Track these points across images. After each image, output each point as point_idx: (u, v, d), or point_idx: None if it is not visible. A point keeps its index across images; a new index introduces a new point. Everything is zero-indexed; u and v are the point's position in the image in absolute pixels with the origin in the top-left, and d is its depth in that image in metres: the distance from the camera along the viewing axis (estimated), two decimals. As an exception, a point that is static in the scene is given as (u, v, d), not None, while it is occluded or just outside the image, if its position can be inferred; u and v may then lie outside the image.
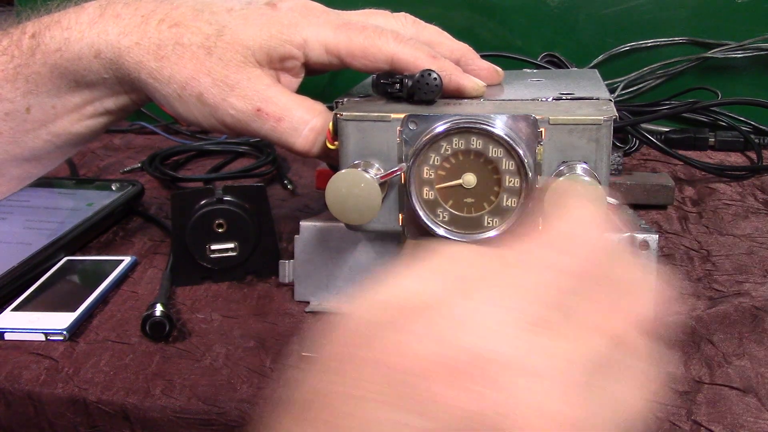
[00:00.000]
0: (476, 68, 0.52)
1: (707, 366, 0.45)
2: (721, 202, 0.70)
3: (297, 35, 0.49)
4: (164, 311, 0.50)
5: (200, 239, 0.55)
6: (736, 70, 0.91)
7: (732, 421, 0.40)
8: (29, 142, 0.52)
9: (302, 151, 0.50)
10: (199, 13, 0.49)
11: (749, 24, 0.89)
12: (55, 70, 0.49)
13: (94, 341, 0.50)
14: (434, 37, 0.52)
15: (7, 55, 0.49)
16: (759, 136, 0.84)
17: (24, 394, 0.45)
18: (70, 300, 0.54)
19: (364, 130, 0.46)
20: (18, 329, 0.50)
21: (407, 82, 0.47)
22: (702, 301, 0.52)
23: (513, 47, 0.95)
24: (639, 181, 0.68)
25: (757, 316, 0.49)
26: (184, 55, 0.48)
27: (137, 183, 0.74)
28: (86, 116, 0.52)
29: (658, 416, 0.40)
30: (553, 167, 0.44)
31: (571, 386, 0.23)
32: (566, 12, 0.94)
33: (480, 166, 0.44)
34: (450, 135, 0.44)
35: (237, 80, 0.48)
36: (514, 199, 0.44)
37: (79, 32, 0.49)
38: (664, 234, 0.63)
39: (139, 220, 0.71)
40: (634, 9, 0.92)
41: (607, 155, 0.44)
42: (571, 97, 0.48)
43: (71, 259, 0.61)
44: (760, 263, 0.57)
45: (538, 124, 0.44)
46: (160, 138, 0.98)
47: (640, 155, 0.85)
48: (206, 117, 0.50)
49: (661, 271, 0.55)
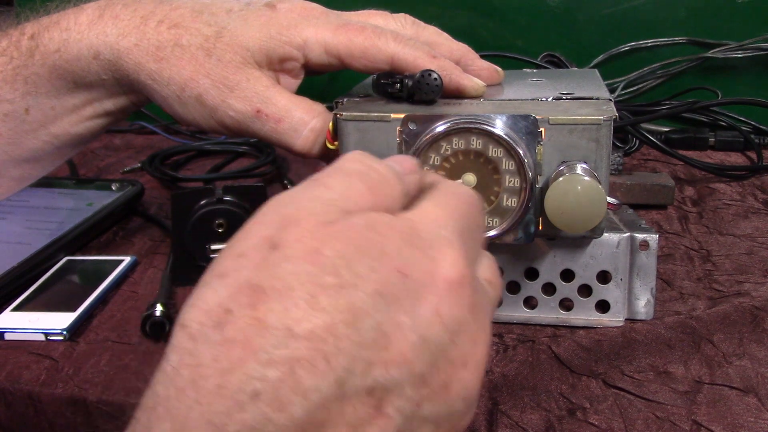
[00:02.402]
0: (476, 68, 0.52)
1: (707, 366, 0.45)
2: (721, 202, 0.70)
3: (296, 36, 0.49)
4: (164, 311, 0.50)
5: (200, 239, 0.55)
6: (736, 70, 0.91)
7: (732, 421, 0.40)
8: (28, 143, 0.52)
9: (302, 151, 0.50)
10: (199, 15, 0.49)
11: (749, 24, 0.89)
12: (54, 71, 0.49)
13: (94, 341, 0.50)
14: (434, 38, 0.52)
15: (6, 56, 0.49)
16: (759, 136, 0.84)
17: (24, 394, 0.45)
18: (70, 300, 0.54)
19: (364, 130, 0.46)
20: (18, 329, 0.50)
21: (407, 82, 0.47)
22: (702, 301, 0.52)
23: (513, 47, 0.95)
24: (639, 181, 0.68)
25: (757, 316, 0.49)
26: (183, 56, 0.48)
27: (137, 183, 0.74)
28: (85, 117, 0.52)
29: (658, 416, 0.40)
30: (553, 167, 0.44)
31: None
32: (566, 12, 0.94)
33: (480, 166, 0.44)
34: (450, 135, 0.44)
35: (236, 81, 0.48)
36: (514, 199, 0.44)
37: (78, 33, 0.49)
38: (664, 234, 0.63)
39: (139, 220, 0.71)
40: (634, 9, 0.92)
41: (607, 155, 0.44)
42: (571, 97, 0.48)
43: (71, 259, 0.61)
44: (760, 263, 0.57)
45: (538, 124, 0.44)
46: (160, 138, 0.98)
47: (640, 155, 0.85)
48: (206, 118, 0.50)
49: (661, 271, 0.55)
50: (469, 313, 0.27)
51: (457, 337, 0.27)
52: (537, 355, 0.46)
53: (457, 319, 0.27)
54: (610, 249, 0.48)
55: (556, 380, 0.44)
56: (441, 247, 0.28)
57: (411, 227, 0.28)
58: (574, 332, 0.48)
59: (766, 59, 0.89)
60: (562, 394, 0.43)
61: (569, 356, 0.46)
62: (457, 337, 0.27)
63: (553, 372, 0.45)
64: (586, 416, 0.41)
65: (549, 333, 0.49)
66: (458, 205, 0.31)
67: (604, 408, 0.41)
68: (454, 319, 0.27)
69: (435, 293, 0.27)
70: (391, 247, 0.26)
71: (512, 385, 0.44)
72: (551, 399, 0.42)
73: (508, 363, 0.46)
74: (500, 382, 0.44)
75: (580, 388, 0.43)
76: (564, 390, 0.43)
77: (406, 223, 0.28)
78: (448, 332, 0.26)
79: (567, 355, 0.46)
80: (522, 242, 0.46)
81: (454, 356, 0.27)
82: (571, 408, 0.42)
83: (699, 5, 0.91)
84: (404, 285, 0.26)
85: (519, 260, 0.49)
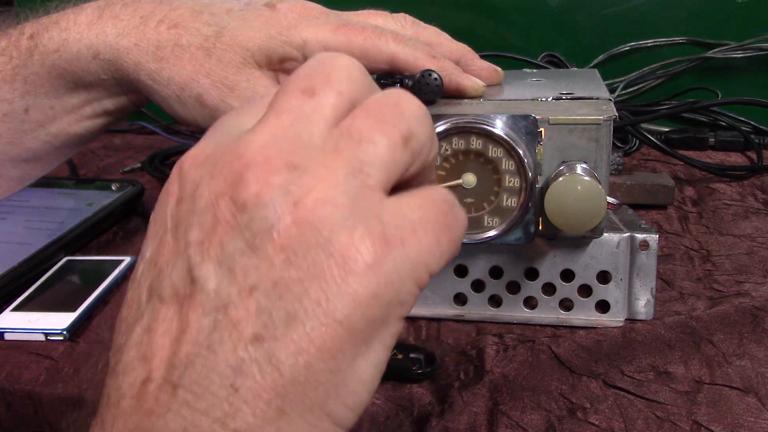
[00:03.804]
0: (476, 68, 0.52)
1: (707, 366, 0.45)
2: (721, 202, 0.70)
3: (296, 36, 0.49)
4: (164, 312, 0.49)
5: (200, 239, 0.55)
6: (736, 70, 0.91)
7: (732, 421, 0.40)
8: (28, 142, 0.52)
9: (302, 151, 0.50)
10: (198, 15, 0.49)
11: (749, 24, 0.89)
12: (54, 70, 0.49)
13: (94, 341, 0.50)
14: (434, 38, 0.52)
15: (6, 56, 0.49)
16: (759, 136, 0.84)
17: (24, 394, 0.45)
18: (70, 300, 0.54)
19: (363, 131, 0.46)
20: (18, 329, 0.50)
21: (407, 83, 0.47)
22: (702, 301, 0.52)
23: (513, 47, 0.95)
24: (639, 181, 0.68)
25: (757, 316, 0.49)
26: (183, 56, 0.48)
27: (137, 183, 0.74)
28: (85, 117, 0.52)
29: (659, 416, 0.40)
30: (553, 167, 0.44)
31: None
32: (566, 12, 0.94)
33: (480, 166, 0.44)
34: (450, 135, 0.44)
35: (236, 81, 0.48)
36: (514, 199, 0.44)
37: (78, 33, 0.49)
38: (664, 234, 0.63)
39: (139, 220, 0.71)
40: (634, 9, 0.92)
41: (607, 155, 0.44)
42: (571, 97, 0.48)
43: (71, 259, 0.61)
44: (760, 263, 0.57)
45: (537, 124, 0.44)
46: (160, 138, 0.97)
47: (640, 155, 0.85)
48: (205, 118, 0.50)
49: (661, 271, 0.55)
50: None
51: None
52: (537, 355, 0.46)
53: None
54: (610, 249, 0.48)
55: (556, 380, 0.44)
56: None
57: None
58: (574, 332, 0.48)
59: (766, 59, 0.89)
60: (563, 394, 0.43)
61: (569, 356, 0.46)
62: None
63: (553, 372, 0.45)
64: (587, 416, 0.41)
65: (549, 333, 0.49)
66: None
67: (605, 408, 0.41)
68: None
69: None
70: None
71: (512, 385, 0.44)
72: (551, 399, 0.42)
73: (508, 363, 0.46)
74: (500, 382, 0.44)
75: (580, 388, 0.43)
76: (564, 390, 0.43)
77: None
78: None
79: (567, 355, 0.46)
80: (522, 242, 0.46)
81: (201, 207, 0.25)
82: (571, 408, 0.42)
83: (699, 5, 0.91)
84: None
85: (519, 260, 0.49)
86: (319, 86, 0.26)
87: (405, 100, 0.27)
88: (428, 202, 0.26)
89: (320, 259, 0.24)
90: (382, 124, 0.26)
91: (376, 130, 0.26)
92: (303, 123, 0.25)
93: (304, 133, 0.25)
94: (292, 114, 0.26)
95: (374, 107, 0.26)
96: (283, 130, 0.25)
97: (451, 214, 0.27)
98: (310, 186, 0.24)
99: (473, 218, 0.45)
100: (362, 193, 0.25)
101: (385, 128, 0.26)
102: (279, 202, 0.24)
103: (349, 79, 0.27)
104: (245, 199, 0.24)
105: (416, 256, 0.25)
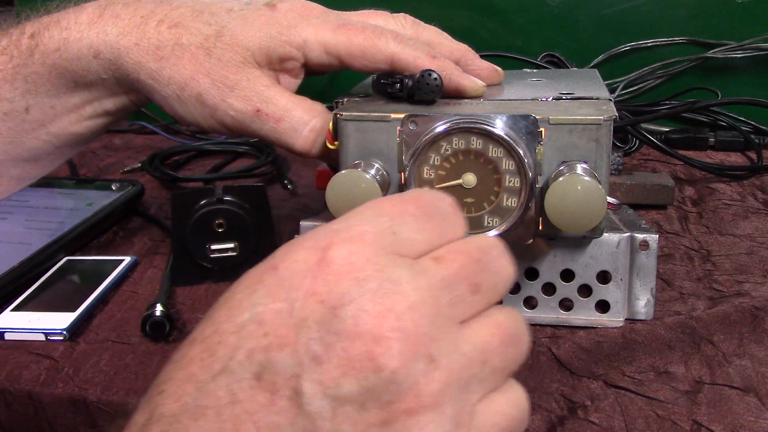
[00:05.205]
0: (476, 68, 0.52)
1: (707, 366, 0.45)
2: (721, 202, 0.70)
3: (296, 36, 0.49)
4: (164, 311, 0.50)
5: (200, 239, 0.55)
6: (736, 70, 0.91)
7: (732, 420, 0.40)
8: (28, 142, 0.52)
9: (302, 151, 0.50)
10: (199, 14, 0.49)
11: (749, 24, 0.89)
12: (54, 70, 0.49)
13: (94, 341, 0.50)
14: (434, 38, 0.52)
15: (6, 55, 0.50)
16: (759, 136, 0.84)
17: (24, 394, 0.45)
18: (70, 300, 0.54)
19: (364, 130, 0.46)
20: (18, 329, 0.50)
21: (407, 82, 0.47)
22: (702, 301, 0.52)
23: (513, 47, 0.95)
24: (639, 181, 0.68)
25: (757, 316, 0.49)
26: (183, 55, 0.48)
27: (137, 183, 0.74)
28: (85, 116, 0.52)
29: (659, 415, 0.40)
30: (553, 167, 0.44)
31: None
32: (566, 12, 0.94)
33: (480, 166, 0.44)
34: (450, 135, 0.44)
35: (236, 81, 0.48)
36: (514, 199, 0.44)
37: (78, 32, 0.49)
38: (664, 234, 0.63)
39: (139, 220, 0.71)
40: (634, 9, 0.92)
41: (607, 155, 0.44)
42: (571, 97, 0.48)
43: (71, 259, 0.61)
44: (760, 263, 0.57)
45: (538, 124, 0.44)
46: (160, 138, 0.98)
47: (640, 155, 0.85)
48: (206, 118, 0.50)
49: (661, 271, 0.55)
50: (353, 282, 0.26)
51: (341, 311, 0.26)
52: (537, 357, 0.46)
53: (335, 293, 0.26)
54: (610, 249, 0.48)
55: (557, 382, 0.44)
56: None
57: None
58: (574, 333, 0.48)
59: (766, 59, 0.89)
60: (563, 394, 0.43)
61: (569, 358, 0.46)
62: (340, 310, 0.26)
63: (553, 374, 0.45)
64: (587, 415, 0.41)
65: (549, 333, 0.49)
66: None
67: (605, 406, 0.41)
68: (332, 294, 0.26)
69: (309, 276, 0.27)
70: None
71: (512, 385, 0.44)
72: (552, 400, 0.42)
73: (508, 363, 0.46)
74: (500, 382, 0.44)
75: (580, 389, 0.43)
76: (565, 391, 0.43)
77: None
78: (326, 307, 0.26)
79: (567, 357, 0.46)
80: (522, 242, 0.46)
81: (340, 329, 0.26)
82: (572, 407, 0.42)
83: (699, 5, 0.91)
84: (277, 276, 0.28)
85: (519, 260, 0.49)
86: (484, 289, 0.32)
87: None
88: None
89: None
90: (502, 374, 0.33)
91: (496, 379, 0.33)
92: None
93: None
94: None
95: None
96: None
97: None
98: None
99: (473, 218, 0.45)
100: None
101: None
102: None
103: (505, 290, 0.33)
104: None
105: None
